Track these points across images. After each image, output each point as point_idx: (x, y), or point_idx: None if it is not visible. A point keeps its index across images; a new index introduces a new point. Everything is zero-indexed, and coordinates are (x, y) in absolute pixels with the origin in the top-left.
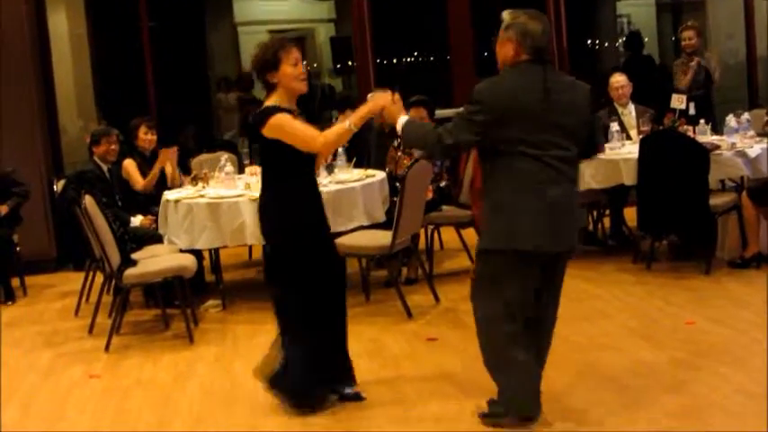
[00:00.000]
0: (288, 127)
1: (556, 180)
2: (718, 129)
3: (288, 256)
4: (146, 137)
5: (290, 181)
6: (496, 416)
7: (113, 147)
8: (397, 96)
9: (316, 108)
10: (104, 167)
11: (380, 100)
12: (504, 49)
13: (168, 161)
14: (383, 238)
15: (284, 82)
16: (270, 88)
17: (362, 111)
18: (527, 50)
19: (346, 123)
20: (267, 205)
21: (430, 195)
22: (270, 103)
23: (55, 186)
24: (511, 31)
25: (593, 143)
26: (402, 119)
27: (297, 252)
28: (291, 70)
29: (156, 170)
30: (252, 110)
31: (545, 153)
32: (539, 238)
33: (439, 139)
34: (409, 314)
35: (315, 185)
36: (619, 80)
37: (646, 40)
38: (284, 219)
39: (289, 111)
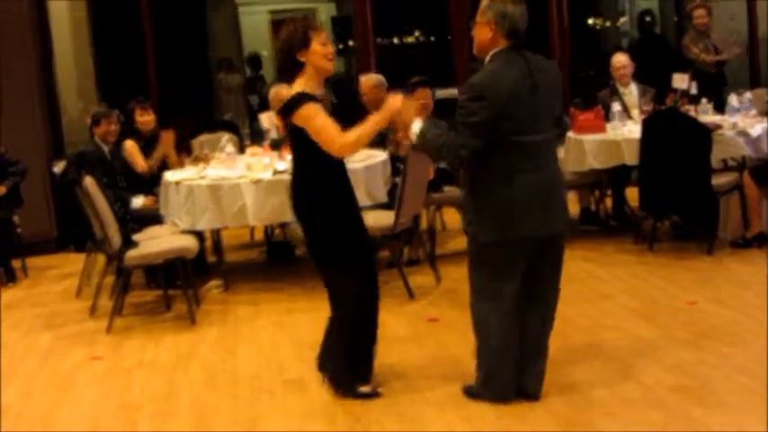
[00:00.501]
0: (313, 121)
1: (546, 164)
2: (721, 107)
3: (329, 236)
4: (141, 118)
5: (321, 163)
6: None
7: (114, 127)
8: (409, 101)
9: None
10: (105, 148)
11: (394, 106)
12: (482, 33)
13: (168, 143)
14: (385, 218)
15: (313, 60)
16: (297, 69)
17: (377, 119)
18: (505, 34)
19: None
20: (301, 188)
21: (431, 176)
22: (298, 86)
23: (55, 167)
24: (489, 13)
25: (562, 123)
26: (416, 126)
27: (336, 232)
28: (321, 49)
29: (159, 154)
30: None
31: (534, 139)
32: (537, 223)
33: (456, 153)
34: (411, 295)
35: (344, 167)
36: (621, 60)
37: (648, 19)
38: (320, 200)
39: (318, 99)
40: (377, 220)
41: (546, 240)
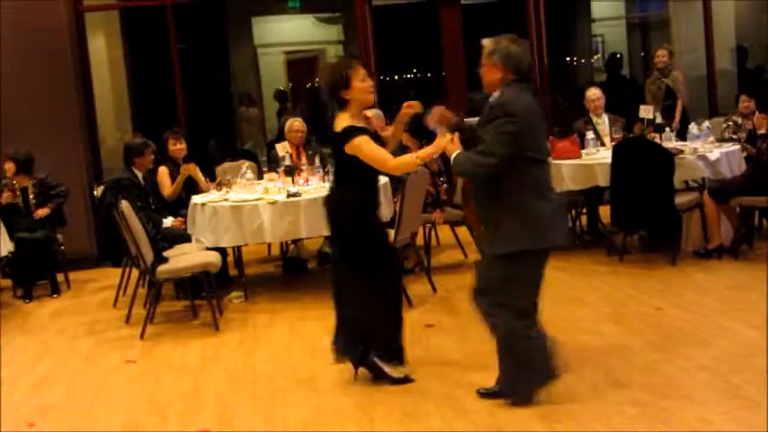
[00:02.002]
0: (366, 149)
1: (551, 182)
2: (682, 135)
3: (362, 246)
4: (174, 147)
5: (361, 183)
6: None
7: (151, 158)
8: (455, 137)
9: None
10: (140, 175)
11: (443, 142)
12: (491, 74)
13: (191, 173)
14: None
15: (356, 96)
16: (342, 105)
17: (429, 150)
18: (512, 71)
19: (414, 156)
20: (340, 204)
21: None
22: (344, 121)
23: (95, 191)
24: (495, 56)
25: None
26: (455, 153)
27: (370, 242)
28: (361, 85)
29: (179, 182)
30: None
31: (545, 159)
32: (560, 235)
33: (483, 163)
34: (410, 303)
35: (376, 188)
36: (595, 93)
37: (618, 56)
38: (359, 215)
39: (365, 130)
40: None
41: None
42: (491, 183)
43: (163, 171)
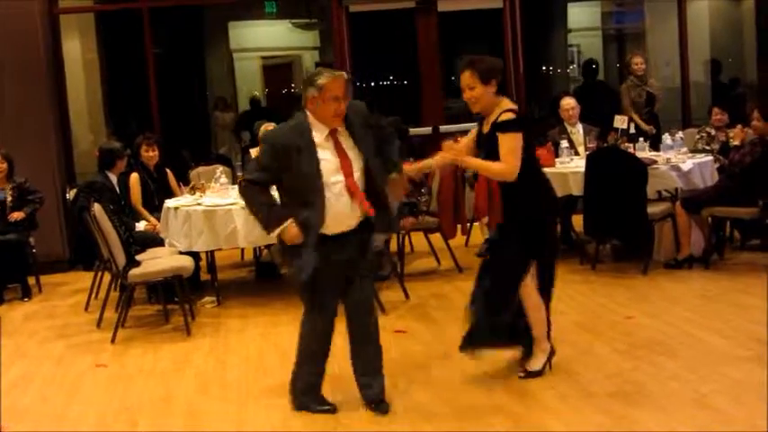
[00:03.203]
0: None
1: None
2: (656, 145)
3: None
4: (147, 153)
5: None
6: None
7: (125, 162)
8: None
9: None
10: (114, 179)
11: (449, 154)
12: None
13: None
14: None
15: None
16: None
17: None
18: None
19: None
20: None
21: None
22: None
23: (67, 194)
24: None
25: None
26: (470, 163)
27: None
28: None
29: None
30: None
31: None
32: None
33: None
34: (382, 309)
35: None
36: (569, 103)
37: (594, 66)
38: None
39: None
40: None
41: None
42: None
43: (134, 179)
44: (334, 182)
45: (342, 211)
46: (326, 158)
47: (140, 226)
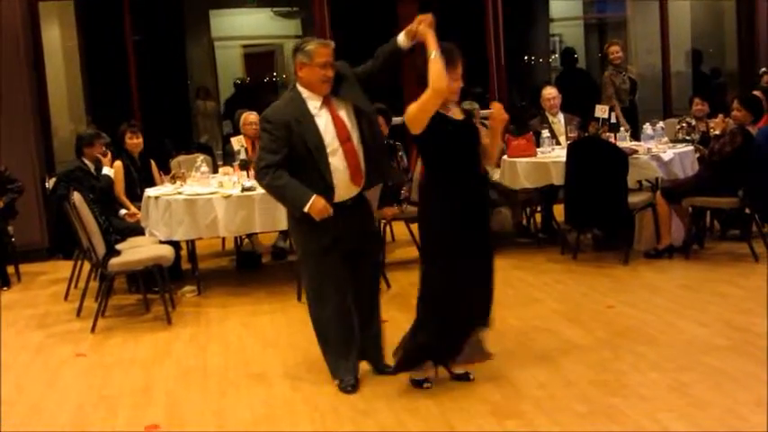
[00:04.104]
0: None
1: None
2: (637, 135)
3: None
4: (131, 141)
5: None
6: None
7: (103, 149)
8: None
9: None
10: (92, 167)
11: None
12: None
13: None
14: None
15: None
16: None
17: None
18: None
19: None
20: None
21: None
22: None
23: (47, 183)
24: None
25: None
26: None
27: None
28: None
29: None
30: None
31: None
32: None
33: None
34: (388, 285)
35: None
36: (551, 92)
37: (575, 56)
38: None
39: None
40: None
41: None
42: None
43: (118, 167)
44: (335, 148)
45: (344, 177)
46: (324, 126)
47: (122, 212)
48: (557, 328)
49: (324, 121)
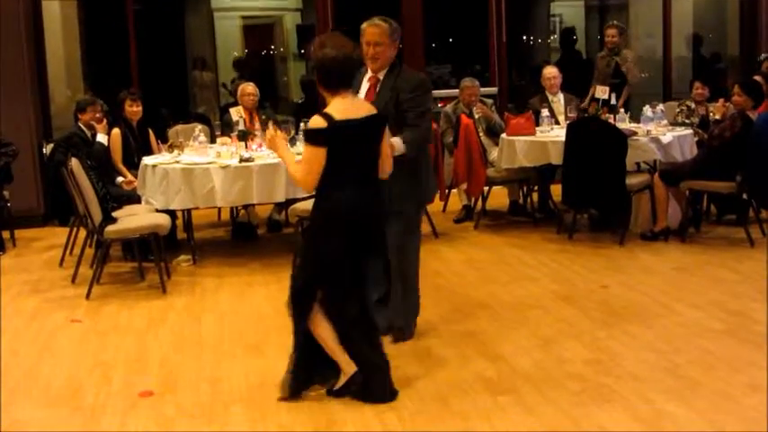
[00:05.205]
0: None
1: None
2: (635, 117)
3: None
4: (131, 108)
5: None
6: None
7: (98, 115)
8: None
9: None
10: (88, 133)
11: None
12: (393, 51)
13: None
14: None
15: None
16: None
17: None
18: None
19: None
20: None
21: None
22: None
23: (44, 149)
24: (395, 35)
25: None
26: (399, 143)
27: None
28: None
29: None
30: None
31: None
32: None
33: (427, 137)
34: None
35: None
36: (551, 72)
37: (574, 37)
38: None
39: None
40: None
41: None
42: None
43: (115, 134)
44: None
45: None
46: (361, 95)
47: (119, 179)
48: (552, 307)
49: (363, 91)
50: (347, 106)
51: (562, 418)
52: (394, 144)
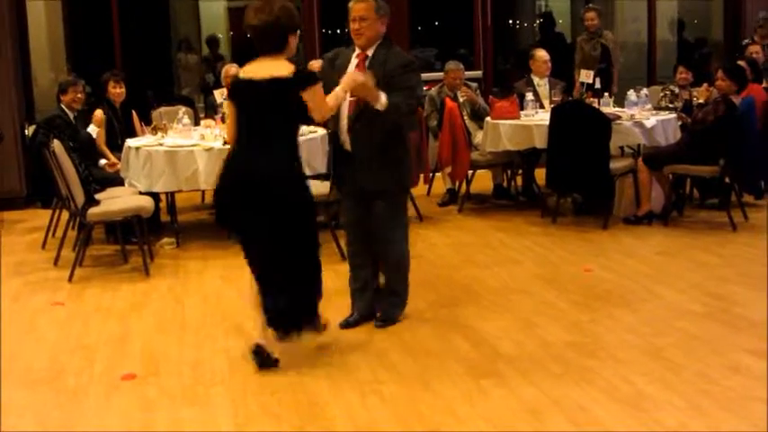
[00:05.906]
0: (320, 94)
1: None
2: (619, 101)
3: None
4: (114, 90)
5: (295, 136)
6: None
7: (79, 95)
8: (368, 75)
9: None
10: (71, 114)
11: (358, 77)
12: (381, 28)
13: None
14: (323, 187)
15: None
16: (283, 47)
17: (339, 91)
18: (386, 24)
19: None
20: (288, 167)
21: None
22: (291, 65)
23: (26, 131)
24: (381, 10)
25: None
26: (384, 96)
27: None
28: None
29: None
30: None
31: None
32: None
33: (413, 107)
34: (343, 256)
35: None
36: (544, 55)
37: (560, 21)
38: (299, 169)
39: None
40: (315, 188)
41: None
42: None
43: (98, 115)
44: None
45: (344, 126)
46: (348, 72)
47: (102, 162)
48: (534, 290)
49: (351, 68)
50: (254, 67)
51: (544, 399)
52: (380, 97)
